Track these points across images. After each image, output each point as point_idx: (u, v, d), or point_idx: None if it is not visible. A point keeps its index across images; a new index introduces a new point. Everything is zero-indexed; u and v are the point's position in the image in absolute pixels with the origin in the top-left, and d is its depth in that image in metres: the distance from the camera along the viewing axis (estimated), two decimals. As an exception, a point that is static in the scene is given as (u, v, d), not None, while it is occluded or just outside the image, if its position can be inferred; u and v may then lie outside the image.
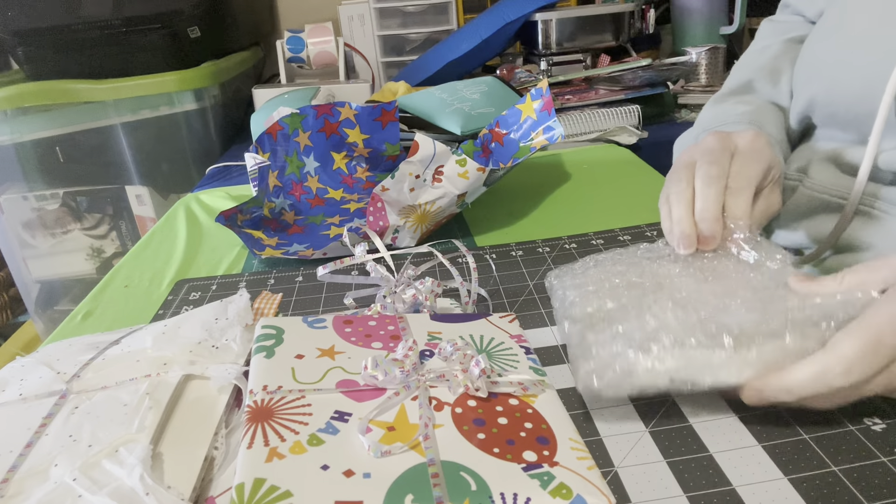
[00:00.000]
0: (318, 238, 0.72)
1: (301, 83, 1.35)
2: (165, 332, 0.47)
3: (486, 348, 0.44)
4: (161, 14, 1.20)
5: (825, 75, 0.54)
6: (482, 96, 0.90)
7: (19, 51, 1.21)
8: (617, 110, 1.12)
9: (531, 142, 0.72)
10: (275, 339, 0.43)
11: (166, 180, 1.32)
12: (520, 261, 0.63)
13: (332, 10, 1.57)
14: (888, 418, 0.38)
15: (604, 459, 0.37)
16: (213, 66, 1.28)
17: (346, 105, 0.77)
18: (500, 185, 0.84)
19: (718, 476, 0.35)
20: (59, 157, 1.28)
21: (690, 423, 0.39)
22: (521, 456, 0.34)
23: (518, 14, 1.26)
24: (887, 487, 0.33)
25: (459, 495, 0.31)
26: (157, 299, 0.63)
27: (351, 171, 0.82)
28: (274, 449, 0.34)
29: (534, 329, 0.51)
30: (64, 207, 1.33)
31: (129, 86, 1.21)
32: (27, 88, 1.20)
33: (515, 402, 0.39)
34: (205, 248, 0.75)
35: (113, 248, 1.38)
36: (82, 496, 0.33)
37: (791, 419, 0.39)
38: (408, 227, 0.66)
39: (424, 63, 1.32)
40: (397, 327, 0.46)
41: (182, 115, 1.26)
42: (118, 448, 0.36)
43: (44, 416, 0.40)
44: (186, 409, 0.40)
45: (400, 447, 0.34)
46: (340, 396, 0.38)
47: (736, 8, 1.38)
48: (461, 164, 0.66)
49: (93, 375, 0.43)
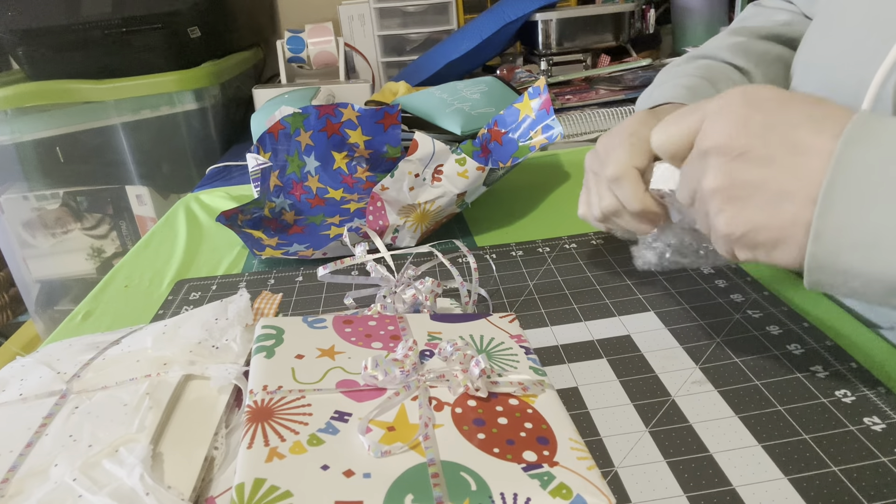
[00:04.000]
0: (318, 238, 0.72)
1: (301, 83, 1.35)
2: (165, 332, 0.47)
3: (486, 348, 0.44)
4: (161, 14, 1.20)
5: (820, 76, 0.54)
6: (482, 96, 0.90)
7: (19, 51, 1.21)
8: (617, 110, 1.12)
9: (530, 141, 0.72)
10: (275, 339, 0.43)
11: (166, 180, 1.32)
12: (520, 261, 0.63)
13: (332, 10, 1.57)
14: (888, 418, 0.38)
15: (604, 459, 0.37)
16: (213, 66, 1.28)
17: (348, 106, 0.77)
18: (500, 185, 0.84)
19: (718, 476, 0.35)
20: (59, 157, 1.28)
21: (690, 423, 0.39)
22: (521, 456, 0.34)
23: (518, 14, 1.26)
24: (887, 487, 0.33)
25: (459, 495, 0.31)
26: (157, 299, 0.63)
27: (351, 170, 0.82)
28: (274, 449, 0.34)
29: (534, 329, 0.51)
30: (64, 207, 1.33)
31: (129, 86, 1.21)
32: (27, 88, 1.20)
33: (515, 402, 0.39)
34: (205, 248, 0.75)
35: (113, 248, 1.38)
36: (82, 496, 0.33)
37: (791, 419, 0.39)
38: (408, 226, 0.66)
39: (424, 63, 1.32)
40: (397, 327, 0.46)
41: (182, 115, 1.26)
42: (118, 448, 0.36)
43: (44, 416, 0.40)
44: (186, 409, 0.40)
45: (400, 447, 0.34)
46: (340, 396, 0.38)
47: (736, 8, 1.38)
48: (461, 164, 0.66)
49: (93, 375, 0.43)
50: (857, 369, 0.42)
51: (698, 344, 0.47)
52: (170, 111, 1.26)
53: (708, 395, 0.41)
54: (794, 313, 0.49)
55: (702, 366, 0.44)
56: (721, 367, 0.44)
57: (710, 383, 0.42)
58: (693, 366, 0.45)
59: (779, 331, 0.47)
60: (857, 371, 0.42)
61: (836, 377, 0.42)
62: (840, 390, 0.41)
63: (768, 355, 0.45)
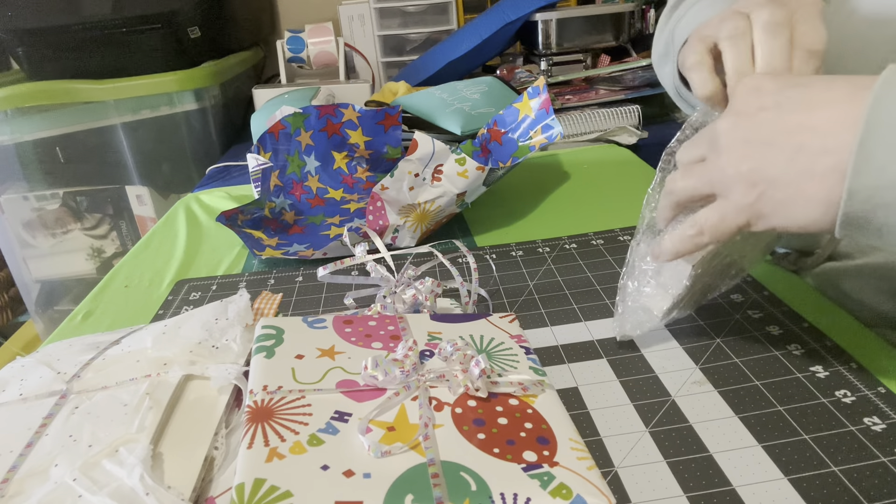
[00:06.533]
0: (318, 238, 0.72)
1: (301, 83, 1.35)
2: (165, 332, 0.47)
3: (486, 348, 0.44)
4: (161, 14, 1.20)
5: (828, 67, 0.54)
6: (482, 96, 0.90)
7: (19, 51, 1.21)
8: (617, 110, 1.12)
9: (530, 141, 0.72)
10: (275, 340, 0.43)
11: (166, 180, 1.32)
12: (520, 261, 0.63)
13: (332, 10, 1.57)
14: (888, 418, 0.38)
15: (604, 459, 0.37)
16: (213, 66, 1.28)
17: (349, 107, 0.77)
18: (500, 185, 0.84)
19: (718, 476, 0.35)
20: (59, 157, 1.28)
21: (690, 423, 0.39)
22: (521, 456, 0.34)
23: (518, 14, 1.26)
24: (887, 487, 0.33)
25: (459, 495, 0.31)
26: (157, 299, 0.63)
27: (351, 170, 0.82)
28: (274, 449, 0.34)
29: (534, 329, 0.51)
30: (64, 207, 1.33)
31: (129, 86, 1.21)
32: (27, 88, 1.20)
33: (515, 402, 0.39)
34: (205, 248, 0.75)
35: (113, 248, 1.38)
36: (82, 496, 0.33)
37: (791, 419, 0.39)
38: (407, 226, 0.66)
39: (424, 63, 1.32)
40: (397, 327, 0.46)
41: (182, 115, 1.26)
42: (118, 448, 0.36)
43: (44, 416, 0.40)
44: (186, 409, 0.40)
45: (400, 447, 0.34)
46: (340, 396, 0.38)
47: (736, 8, 1.37)
48: (460, 163, 0.66)
49: (93, 375, 0.43)
50: (856, 369, 0.42)
51: (698, 344, 0.47)
52: (170, 111, 1.26)
53: (708, 395, 0.41)
54: (794, 313, 0.49)
55: (702, 366, 0.44)
56: (721, 367, 0.44)
57: (710, 383, 0.42)
58: (693, 366, 0.44)
59: (779, 331, 0.47)
60: (857, 371, 0.42)
61: (836, 377, 0.42)
62: (840, 390, 0.41)
63: (768, 355, 0.45)
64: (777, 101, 0.36)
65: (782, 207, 0.35)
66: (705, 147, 0.39)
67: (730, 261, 0.46)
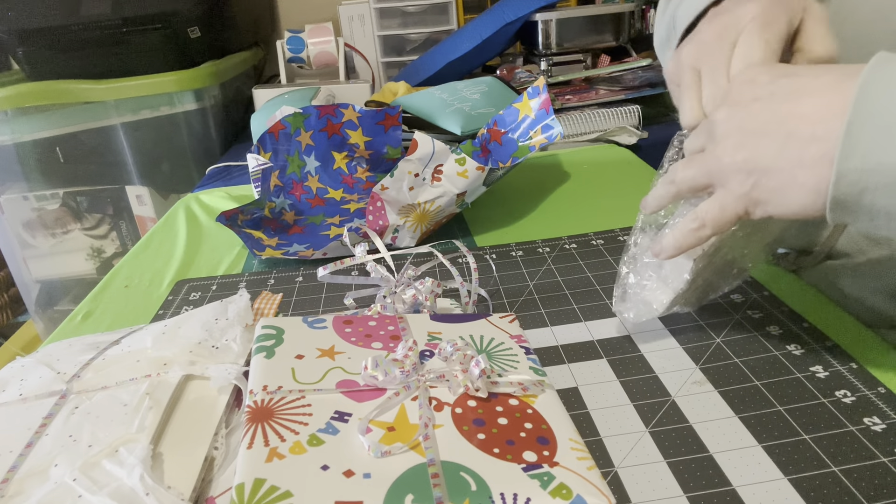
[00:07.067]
0: (318, 238, 0.72)
1: (301, 83, 1.35)
2: (165, 332, 0.47)
3: (486, 348, 0.44)
4: (161, 14, 1.20)
5: None
6: (482, 96, 0.90)
7: (19, 51, 1.21)
8: (617, 110, 1.12)
9: (530, 141, 0.72)
10: (275, 340, 0.43)
11: (166, 180, 1.32)
12: (520, 261, 0.63)
13: (332, 10, 1.57)
14: (888, 418, 0.38)
15: (604, 459, 0.37)
16: (213, 66, 1.28)
17: (349, 107, 0.77)
18: (500, 185, 0.84)
19: (718, 476, 0.35)
20: (59, 157, 1.28)
21: (690, 424, 0.39)
22: (521, 456, 0.34)
23: (518, 14, 1.26)
24: (887, 487, 0.33)
25: (459, 495, 0.31)
26: (157, 299, 0.63)
27: (351, 171, 0.82)
28: (274, 449, 0.34)
29: (534, 329, 0.51)
30: (64, 207, 1.33)
31: (129, 86, 1.21)
32: (27, 88, 1.20)
33: (515, 402, 0.39)
34: (205, 248, 0.75)
35: (113, 248, 1.38)
36: (82, 496, 0.33)
37: (791, 419, 0.39)
38: (407, 226, 0.66)
39: (424, 63, 1.32)
40: (397, 327, 0.46)
41: (182, 115, 1.26)
42: (118, 448, 0.36)
43: (44, 416, 0.40)
44: (186, 409, 0.40)
45: (400, 447, 0.34)
46: (340, 397, 0.38)
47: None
48: (460, 163, 0.66)
49: (93, 375, 0.43)
50: (857, 369, 0.42)
51: (698, 344, 0.47)
52: (170, 111, 1.26)
53: (708, 395, 0.41)
54: (794, 313, 0.49)
55: (702, 366, 0.44)
56: (721, 367, 0.44)
57: (710, 383, 0.42)
58: (693, 366, 0.45)
59: (779, 331, 0.47)
60: (857, 371, 0.42)
61: (836, 377, 0.42)
62: (840, 390, 0.41)
63: (768, 355, 0.45)
64: (770, 91, 0.37)
65: (776, 195, 0.36)
66: (704, 137, 0.40)
67: (731, 257, 0.46)
